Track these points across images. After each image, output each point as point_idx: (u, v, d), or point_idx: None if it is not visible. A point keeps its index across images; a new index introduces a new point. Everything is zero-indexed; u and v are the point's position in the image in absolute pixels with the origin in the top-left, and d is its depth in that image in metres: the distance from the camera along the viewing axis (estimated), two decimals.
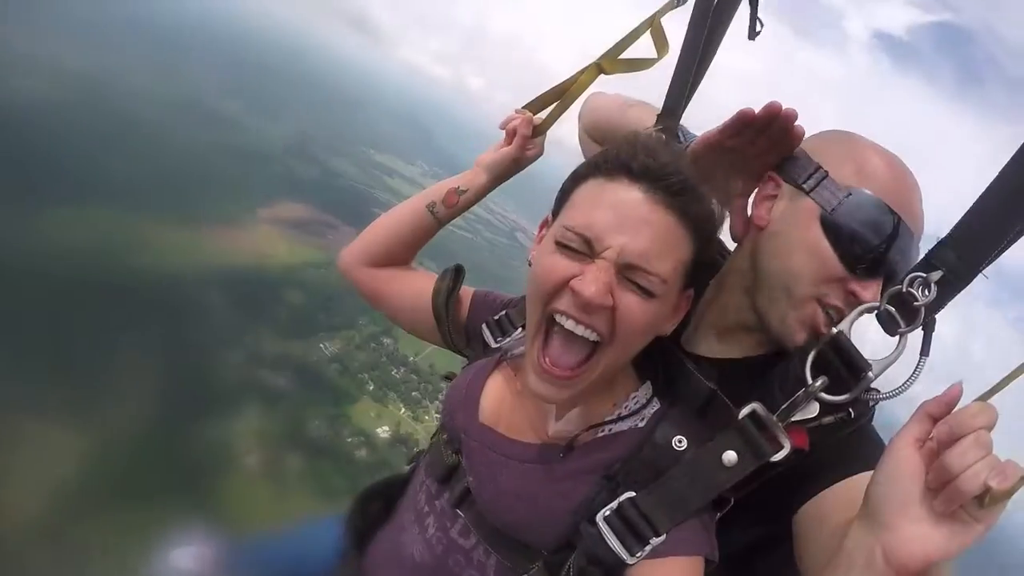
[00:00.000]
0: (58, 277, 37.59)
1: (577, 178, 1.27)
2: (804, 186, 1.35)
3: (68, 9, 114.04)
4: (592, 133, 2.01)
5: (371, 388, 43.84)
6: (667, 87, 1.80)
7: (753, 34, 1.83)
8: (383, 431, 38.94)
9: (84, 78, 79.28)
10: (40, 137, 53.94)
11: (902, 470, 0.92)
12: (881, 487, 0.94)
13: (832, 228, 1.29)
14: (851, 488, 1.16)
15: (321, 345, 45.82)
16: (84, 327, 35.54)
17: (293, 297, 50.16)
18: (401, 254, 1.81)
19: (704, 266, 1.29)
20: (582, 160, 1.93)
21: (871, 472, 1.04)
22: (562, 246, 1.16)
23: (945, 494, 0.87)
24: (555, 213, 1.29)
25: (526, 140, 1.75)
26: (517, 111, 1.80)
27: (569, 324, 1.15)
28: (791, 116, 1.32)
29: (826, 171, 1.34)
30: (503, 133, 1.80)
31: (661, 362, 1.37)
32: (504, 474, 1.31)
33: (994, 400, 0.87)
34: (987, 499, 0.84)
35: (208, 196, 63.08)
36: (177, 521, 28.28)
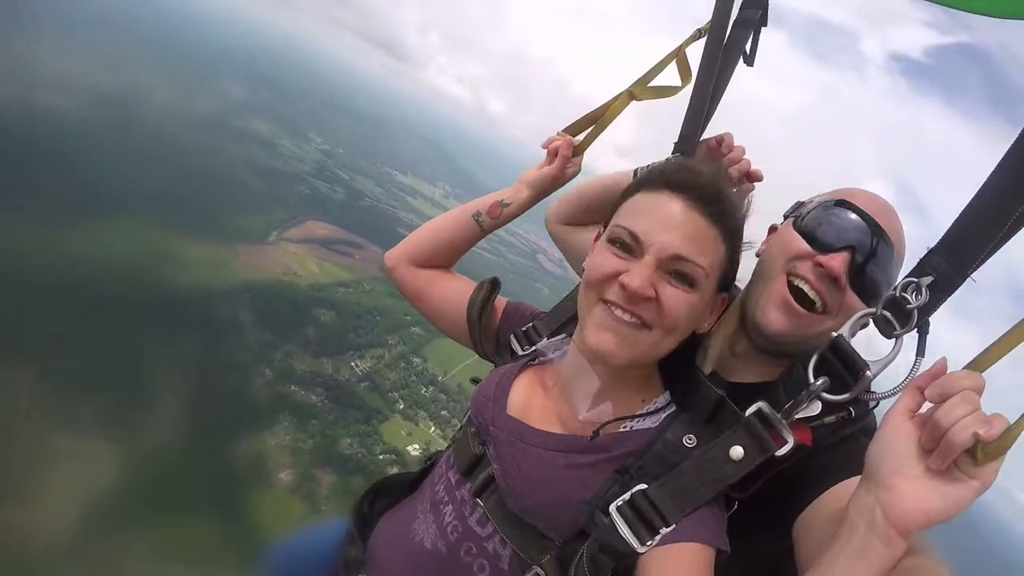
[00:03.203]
0: (90, 291, 38.40)
1: (626, 194, 1.39)
2: (786, 215, 1.59)
3: (99, 29, 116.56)
4: (572, 215, 2.14)
5: (401, 407, 44.03)
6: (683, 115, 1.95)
7: (750, 62, 1.99)
8: (414, 449, 38.93)
9: (116, 96, 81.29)
10: (73, 153, 55.56)
11: (896, 434, 0.98)
12: (877, 450, 1.00)
13: (801, 227, 1.48)
14: (840, 492, 1.21)
15: (352, 363, 46.08)
16: (116, 340, 36.09)
17: (323, 315, 50.60)
18: (444, 258, 1.93)
19: (733, 274, 1.38)
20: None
21: (859, 476, 1.12)
22: (612, 242, 1.29)
23: (939, 449, 0.90)
24: (606, 224, 1.40)
25: (567, 160, 1.89)
26: (559, 133, 1.93)
27: (617, 313, 1.25)
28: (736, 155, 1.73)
29: (803, 201, 1.58)
30: (528, 155, 2.13)
31: (680, 373, 1.44)
32: (527, 460, 1.36)
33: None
34: (979, 454, 0.87)
35: (236, 213, 63.94)
36: (212, 536, 28.68)
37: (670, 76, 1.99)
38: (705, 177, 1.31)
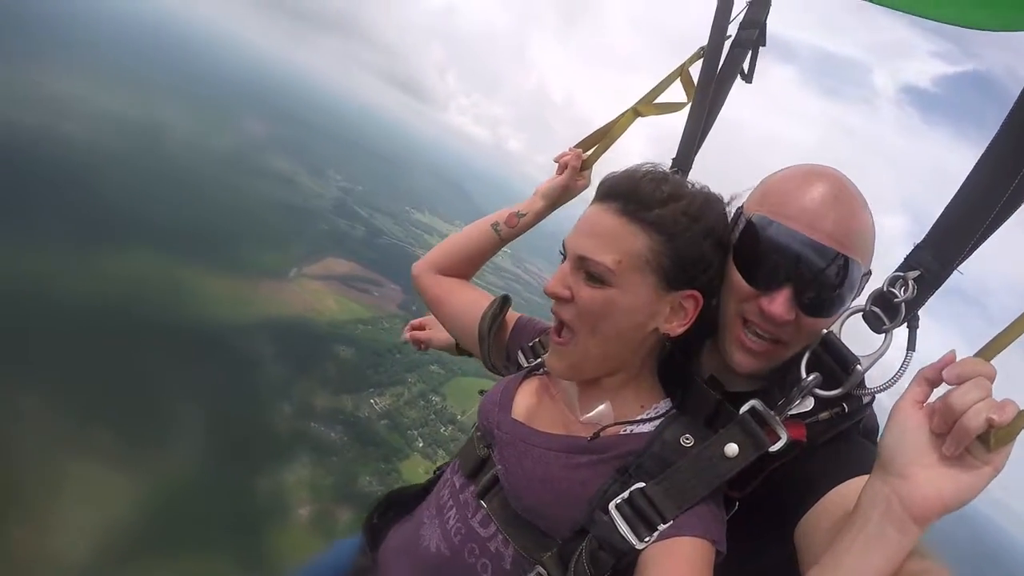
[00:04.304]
0: (110, 322, 38.48)
1: None
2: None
3: (122, 58, 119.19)
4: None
5: (420, 445, 43.82)
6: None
7: (749, 79, 2.07)
8: None
9: (138, 129, 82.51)
10: (94, 184, 56.25)
11: (908, 423, 0.97)
12: (890, 441, 0.98)
13: (735, 256, 1.38)
14: (842, 495, 1.19)
15: (371, 401, 46.02)
16: (134, 372, 36.11)
17: (342, 352, 50.68)
18: (466, 265, 2.00)
19: (693, 266, 1.32)
20: None
21: (860, 477, 1.13)
22: (562, 255, 1.40)
23: (952, 435, 0.90)
24: None
25: (575, 171, 1.98)
26: (570, 149, 2.03)
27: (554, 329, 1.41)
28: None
29: (741, 209, 1.43)
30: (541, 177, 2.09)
31: (680, 380, 1.47)
32: (530, 460, 1.39)
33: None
34: (992, 440, 0.88)
35: (256, 249, 64.38)
36: (227, 571, 28.41)
37: (676, 94, 2.10)
38: (624, 177, 1.37)
